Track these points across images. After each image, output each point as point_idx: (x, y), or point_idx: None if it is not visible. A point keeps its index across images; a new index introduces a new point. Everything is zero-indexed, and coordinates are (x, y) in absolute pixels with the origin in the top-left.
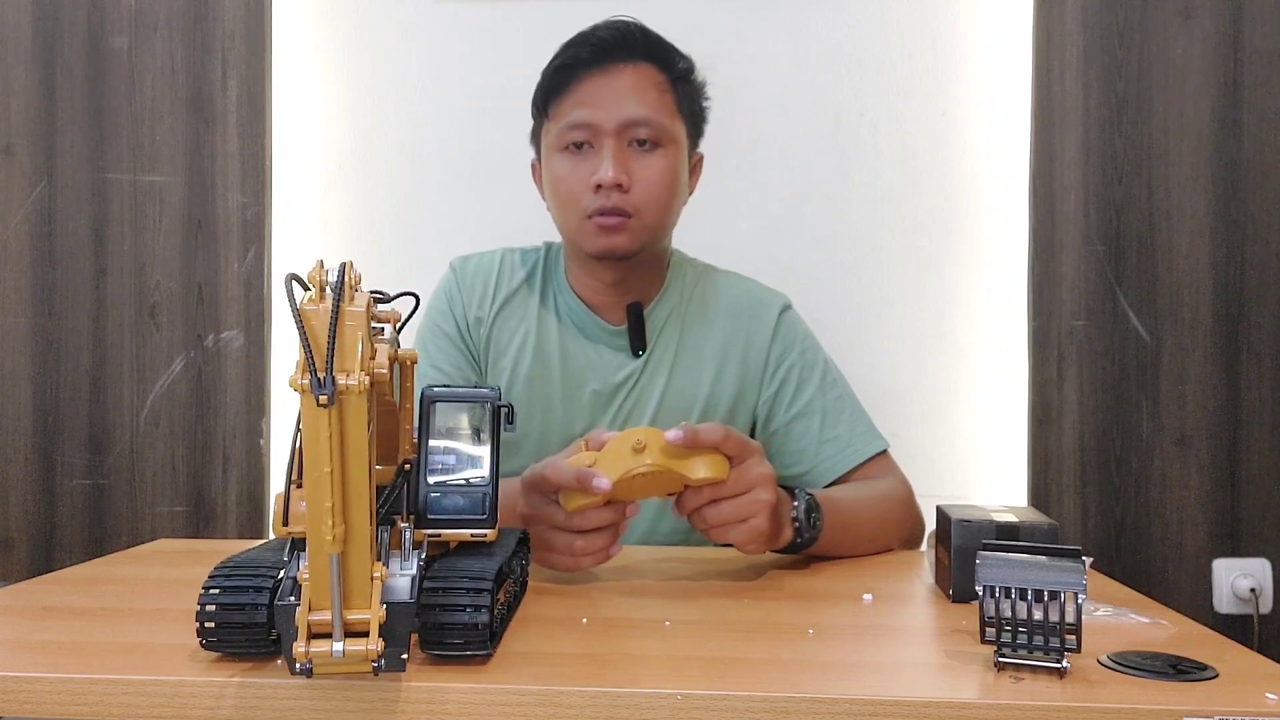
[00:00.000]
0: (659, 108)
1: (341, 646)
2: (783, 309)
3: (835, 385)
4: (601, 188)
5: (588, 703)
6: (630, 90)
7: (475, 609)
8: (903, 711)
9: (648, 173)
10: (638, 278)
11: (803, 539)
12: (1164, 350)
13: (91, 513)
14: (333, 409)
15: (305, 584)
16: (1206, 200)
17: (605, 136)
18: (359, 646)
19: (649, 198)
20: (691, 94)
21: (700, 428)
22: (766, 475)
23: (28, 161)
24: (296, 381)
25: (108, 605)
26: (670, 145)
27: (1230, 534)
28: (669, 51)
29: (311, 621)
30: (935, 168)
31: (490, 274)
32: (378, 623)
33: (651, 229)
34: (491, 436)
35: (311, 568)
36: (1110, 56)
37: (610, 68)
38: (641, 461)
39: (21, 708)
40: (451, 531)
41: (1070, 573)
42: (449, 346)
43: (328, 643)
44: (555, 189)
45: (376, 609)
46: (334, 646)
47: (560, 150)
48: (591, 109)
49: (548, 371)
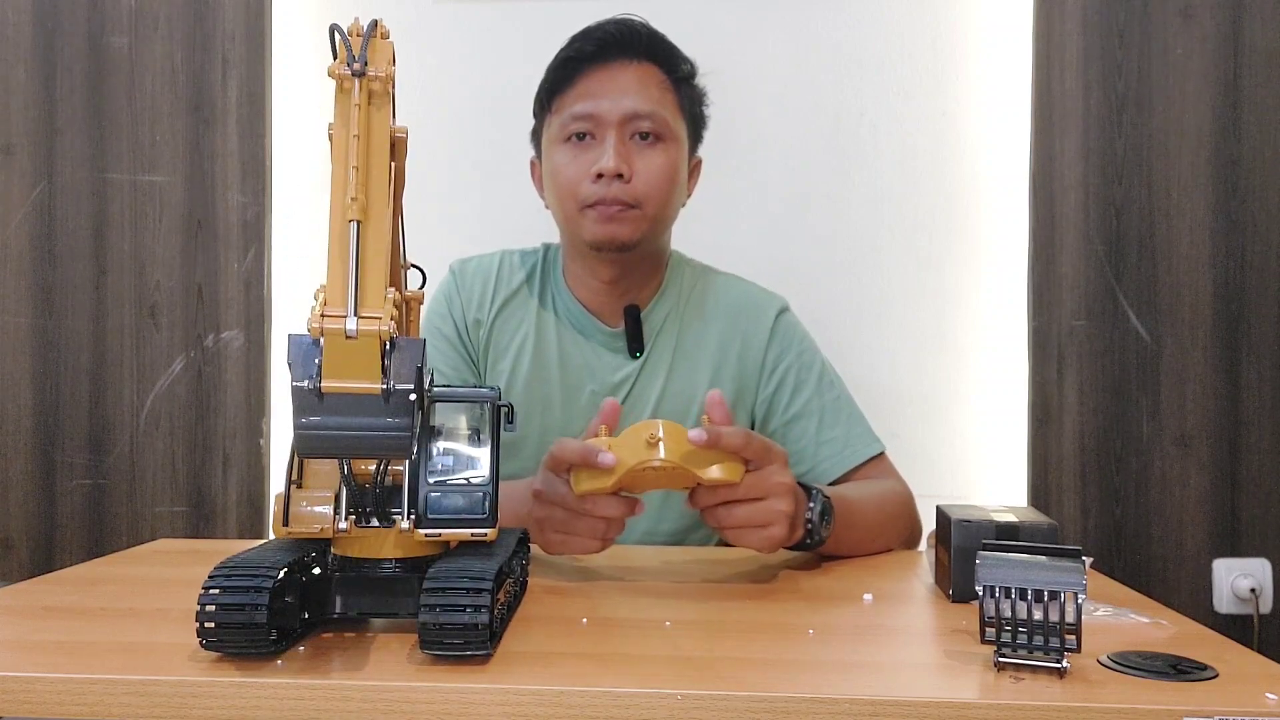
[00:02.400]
0: (661, 103)
1: (355, 324)
2: (780, 311)
3: (833, 387)
4: (602, 177)
5: (588, 703)
6: (633, 85)
7: (475, 609)
8: (903, 711)
9: (649, 165)
10: (635, 277)
11: (813, 540)
12: (1164, 350)
13: (91, 513)
14: (361, 89)
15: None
16: (1206, 200)
17: (608, 128)
18: (371, 327)
19: (650, 189)
20: (693, 96)
21: (724, 431)
22: (786, 485)
23: (28, 161)
24: (335, 69)
25: (108, 605)
26: (671, 141)
27: (1230, 534)
28: (673, 53)
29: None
30: (935, 168)
31: (489, 276)
32: (389, 320)
33: (651, 220)
34: (491, 436)
35: (331, 248)
36: (1110, 56)
37: (614, 63)
38: (654, 455)
39: (21, 708)
40: (451, 531)
41: (1070, 573)
42: (447, 349)
43: (341, 321)
44: (555, 179)
45: (389, 309)
46: (347, 324)
47: (562, 141)
48: (595, 100)
49: (546, 373)
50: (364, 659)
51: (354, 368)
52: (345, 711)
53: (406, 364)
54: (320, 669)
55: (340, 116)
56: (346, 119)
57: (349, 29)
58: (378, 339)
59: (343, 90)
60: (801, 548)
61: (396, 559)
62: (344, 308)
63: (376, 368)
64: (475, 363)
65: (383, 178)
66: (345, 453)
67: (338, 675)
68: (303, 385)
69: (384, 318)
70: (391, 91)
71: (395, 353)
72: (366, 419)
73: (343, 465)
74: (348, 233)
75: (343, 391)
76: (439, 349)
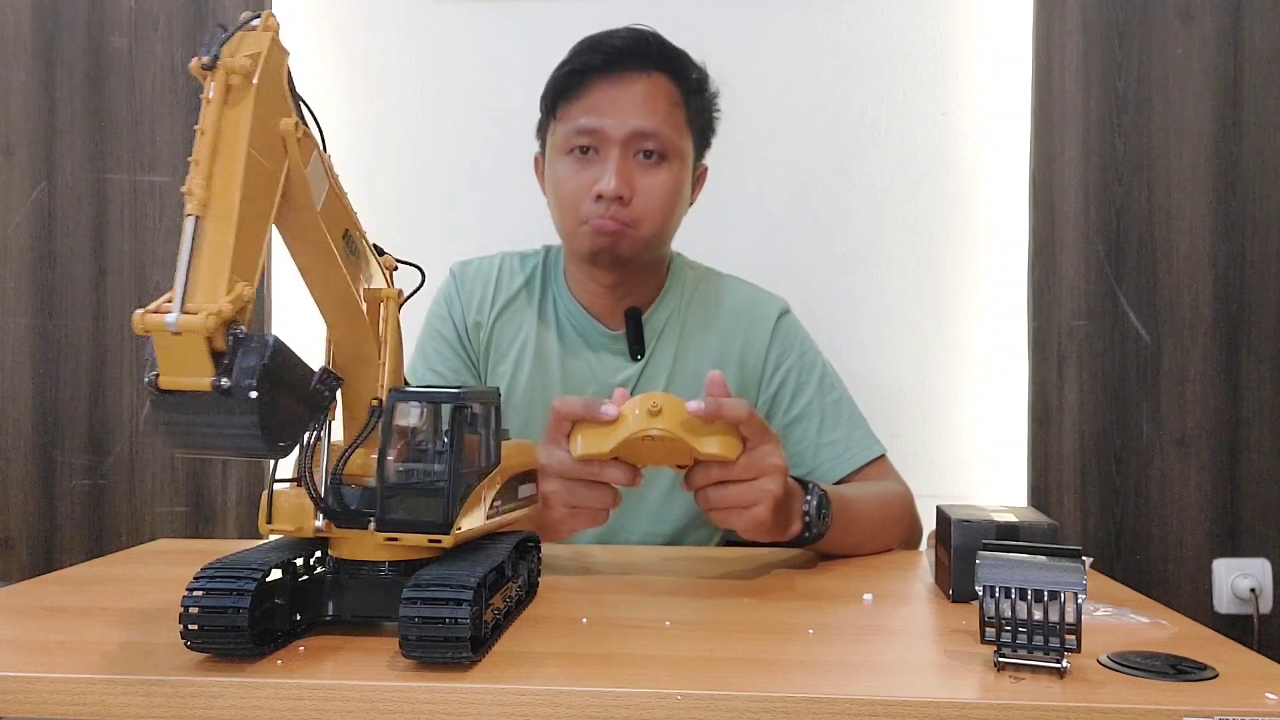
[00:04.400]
0: (668, 121)
1: (175, 317)
2: (781, 313)
3: (833, 389)
4: (602, 198)
5: (588, 703)
6: (641, 101)
7: (454, 620)
8: (903, 711)
9: (650, 186)
10: (636, 282)
11: (811, 534)
12: (1164, 350)
13: (91, 513)
14: (217, 83)
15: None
16: (1206, 200)
17: (611, 145)
18: (194, 321)
19: (649, 211)
20: (703, 107)
21: (725, 402)
22: (778, 466)
23: (28, 161)
24: (196, 66)
25: (108, 605)
26: (675, 159)
27: (1230, 534)
28: (684, 63)
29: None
30: (935, 168)
31: (489, 278)
32: (220, 321)
33: (647, 240)
34: (452, 438)
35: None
36: (1110, 56)
37: (623, 75)
38: (654, 424)
39: (21, 708)
40: (410, 535)
41: (1070, 573)
42: (447, 351)
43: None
44: (556, 190)
45: (220, 304)
46: (167, 319)
47: (565, 153)
48: (600, 116)
49: (547, 376)
50: (364, 659)
51: (184, 364)
52: (345, 711)
53: (249, 361)
54: (320, 670)
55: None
56: (204, 109)
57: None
58: (202, 335)
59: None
60: (800, 543)
61: (389, 561)
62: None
63: (206, 364)
64: (475, 365)
65: (233, 173)
66: (196, 450)
67: (337, 676)
68: (144, 381)
69: (207, 313)
70: (258, 86)
71: (238, 349)
72: (211, 417)
73: (304, 463)
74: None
75: (176, 388)
76: (439, 351)
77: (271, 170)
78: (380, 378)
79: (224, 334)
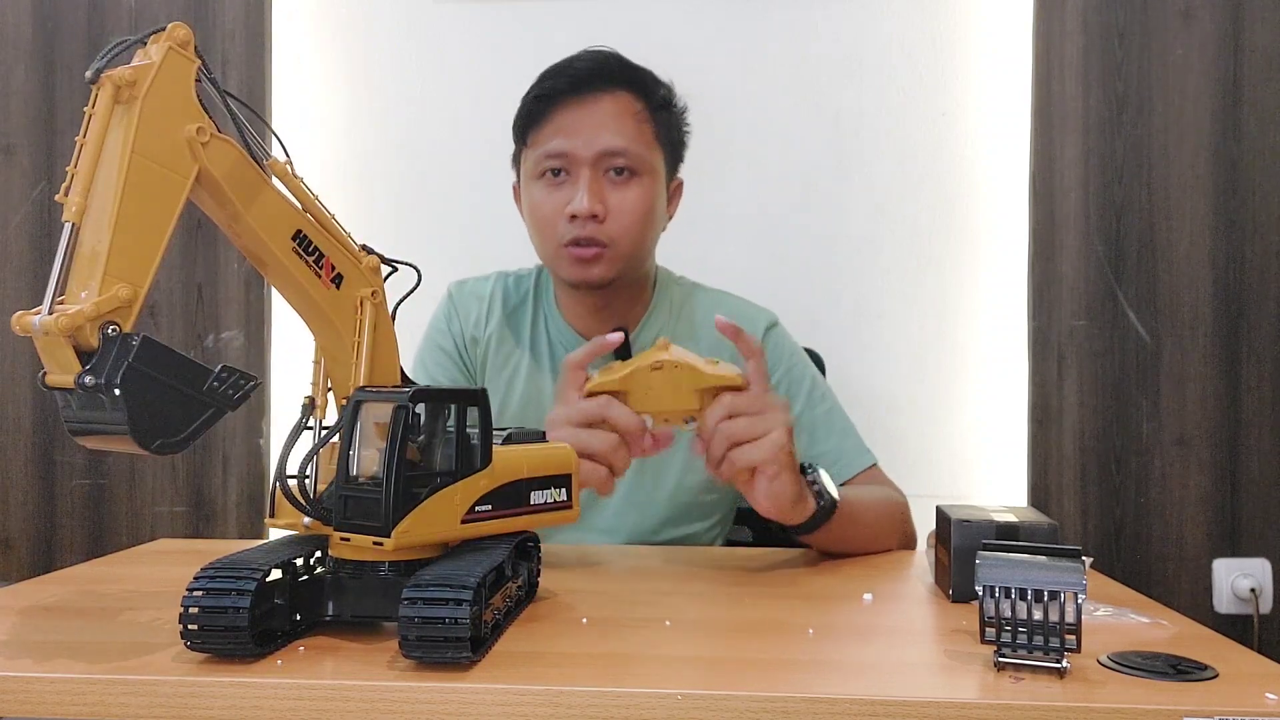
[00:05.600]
0: (636, 137)
1: (40, 319)
2: (769, 326)
3: (824, 400)
4: (576, 218)
5: (588, 703)
6: (608, 119)
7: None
8: (903, 711)
9: (623, 203)
10: (621, 301)
11: (824, 503)
12: (1164, 350)
13: (91, 513)
14: (104, 94)
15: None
16: (1206, 200)
17: (581, 166)
18: (53, 320)
19: (624, 227)
20: (670, 122)
21: (745, 332)
22: (784, 403)
23: (28, 161)
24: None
25: (108, 605)
26: (647, 175)
27: (1230, 534)
28: (647, 80)
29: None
30: (935, 168)
31: (484, 298)
32: (82, 320)
33: (626, 258)
34: (395, 439)
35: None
36: (1110, 57)
37: (588, 97)
38: (660, 354)
39: (21, 708)
40: (356, 535)
41: (1070, 573)
42: (446, 361)
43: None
44: (532, 216)
45: (86, 309)
46: (34, 320)
47: (538, 178)
48: (568, 138)
49: (540, 395)
50: (364, 659)
51: (54, 361)
52: (345, 711)
53: (113, 359)
54: (320, 669)
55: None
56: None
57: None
58: (63, 334)
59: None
60: (812, 526)
61: (389, 561)
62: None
63: (72, 361)
64: (474, 377)
65: (115, 182)
66: (92, 440)
67: (337, 676)
68: (39, 376)
69: (64, 314)
70: (150, 95)
71: (108, 348)
72: (90, 412)
73: (305, 462)
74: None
75: (55, 385)
76: (438, 361)
77: (172, 177)
78: (353, 377)
79: (95, 333)
